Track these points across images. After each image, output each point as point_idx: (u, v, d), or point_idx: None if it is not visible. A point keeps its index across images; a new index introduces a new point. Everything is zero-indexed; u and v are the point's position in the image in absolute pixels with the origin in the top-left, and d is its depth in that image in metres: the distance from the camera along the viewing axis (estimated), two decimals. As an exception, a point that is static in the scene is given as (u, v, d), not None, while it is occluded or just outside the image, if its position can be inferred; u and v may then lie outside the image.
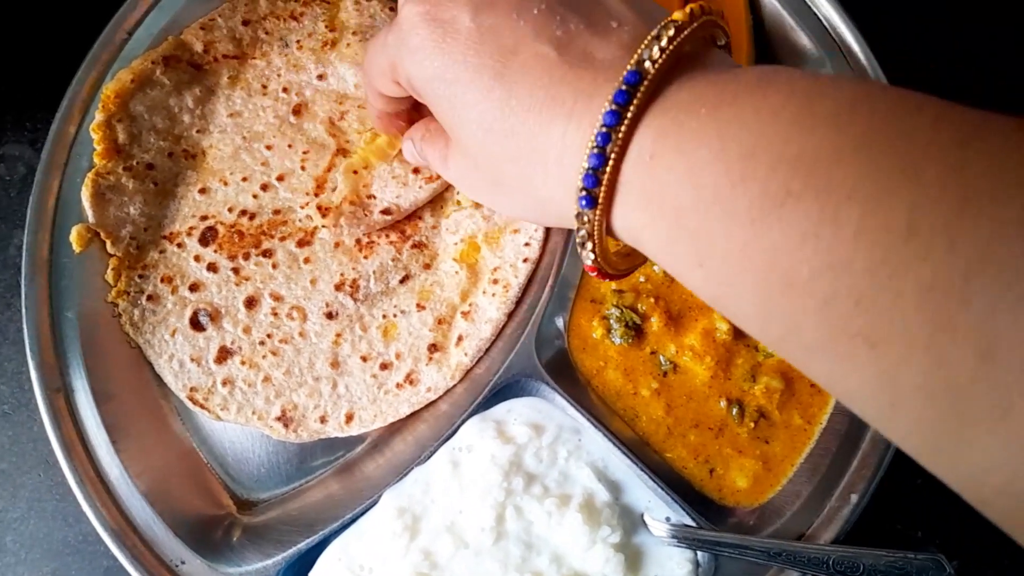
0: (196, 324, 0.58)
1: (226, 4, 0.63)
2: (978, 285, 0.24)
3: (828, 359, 0.30)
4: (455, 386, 0.59)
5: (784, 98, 0.31)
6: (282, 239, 0.59)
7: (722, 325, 0.58)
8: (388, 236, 0.60)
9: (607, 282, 0.60)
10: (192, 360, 0.57)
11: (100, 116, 0.58)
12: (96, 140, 0.58)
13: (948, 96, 0.29)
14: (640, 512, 0.56)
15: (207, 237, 0.59)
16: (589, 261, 0.38)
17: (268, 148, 0.61)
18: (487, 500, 0.54)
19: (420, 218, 0.61)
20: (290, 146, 0.61)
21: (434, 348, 0.59)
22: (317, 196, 0.60)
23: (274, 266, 0.59)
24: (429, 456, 0.56)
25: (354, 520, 0.55)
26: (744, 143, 0.30)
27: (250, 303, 0.58)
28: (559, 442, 0.57)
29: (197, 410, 0.57)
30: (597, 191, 0.34)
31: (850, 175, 0.27)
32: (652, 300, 0.59)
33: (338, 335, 0.58)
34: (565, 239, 0.60)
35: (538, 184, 0.38)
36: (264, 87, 0.62)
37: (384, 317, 0.59)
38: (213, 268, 0.59)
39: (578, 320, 0.60)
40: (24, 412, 0.63)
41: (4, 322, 0.65)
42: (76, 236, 0.57)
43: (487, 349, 0.59)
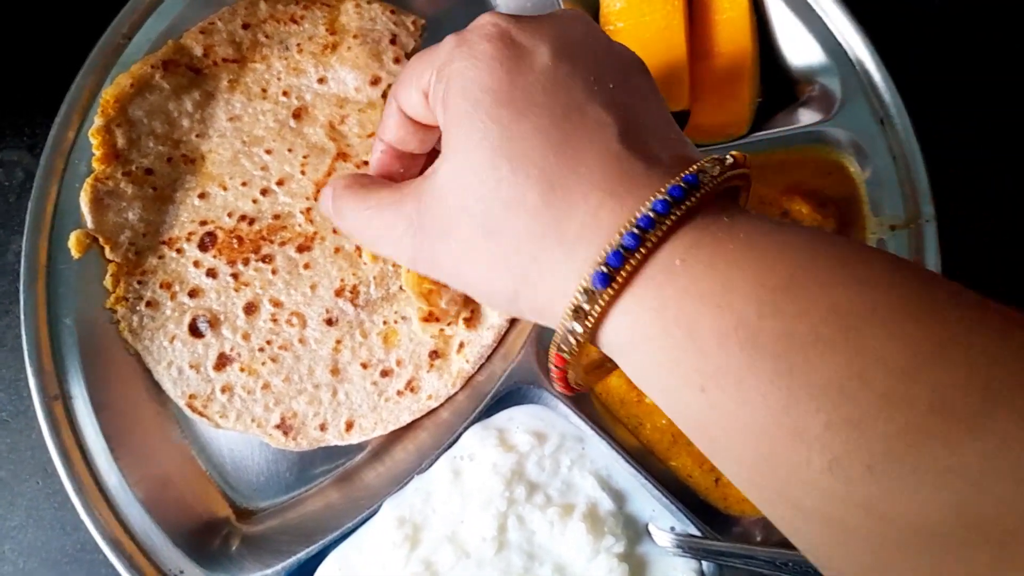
0: (195, 330, 0.57)
1: (225, 8, 0.62)
2: (995, 477, 0.24)
3: (821, 528, 0.29)
4: (456, 393, 0.58)
5: (825, 245, 0.31)
6: (282, 244, 0.59)
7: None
8: (389, 242, 0.59)
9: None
10: (191, 367, 0.57)
11: (99, 121, 0.58)
12: (95, 145, 0.58)
13: (961, 102, 0.29)
14: (644, 522, 0.55)
15: (206, 242, 0.59)
16: (565, 350, 0.35)
17: (268, 153, 0.60)
18: (489, 509, 0.53)
19: (421, 223, 0.60)
20: (290, 150, 0.61)
21: (435, 355, 0.58)
22: (317, 201, 0.60)
23: (274, 272, 0.58)
24: (430, 465, 0.55)
25: (354, 530, 0.54)
26: (780, 275, 0.30)
27: (249, 309, 0.58)
28: (562, 450, 0.56)
29: (196, 417, 0.57)
30: (618, 272, 0.32)
31: (888, 335, 0.27)
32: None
33: (338, 341, 0.58)
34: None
35: (531, 254, 0.35)
36: (264, 91, 0.62)
37: (385, 323, 0.59)
38: (212, 274, 0.58)
39: (581, 326, 0.59)
40: (22, 420, 0.63)
41: (2, 329, 0.65)
42: (74, 242, 0.56)
43: (489, 356, 0.59)
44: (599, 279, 0.32)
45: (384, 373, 0.58)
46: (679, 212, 0.32)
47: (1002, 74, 0.71)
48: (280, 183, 0.60)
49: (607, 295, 0.33)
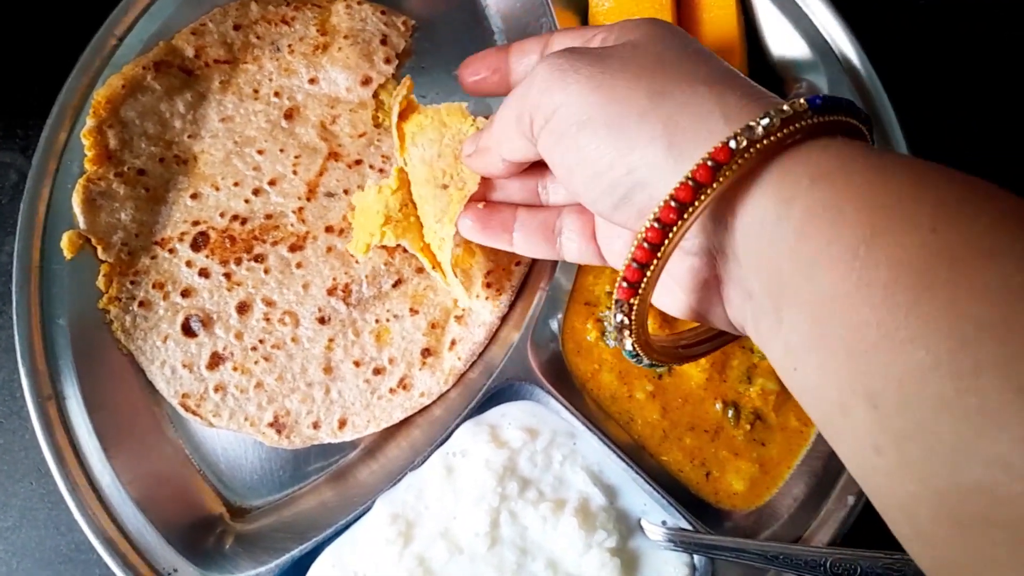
0: (188, 330, 0.58)
1: (217, 9, 0.63)
2: None
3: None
4: (449, 391, 0.58)
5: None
6: (274, 244, 0.59)
7: (717, 327, 0.58)
8: (381, 240, 0.60)
9: (601, 285, 0.60)
10: (184, 366, 0.57)
11: (91, 122, 0.58)
12: (87, 146, 0.58)
13: (947, 97, 0.28)
14: (636, 516, 0.56)
15: (199, 242, 0.59)
16: (675, 204, 0.33)
17: (260, 153, 0.61)
18: (481, 505, 0.53)
19: (413, 222, 0.60)
20: (282, 151, 0.61)
21: (427, 352, 0.58)
22: (309, 200, 0.60)
23: (266, 271, 0.59)
24: (423, 461, 0.55)
25: (348, 527, 0.55)
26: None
27: (242, 308, 0.58)
28: (554, 446, 0.56)
29: (189, 417, 0.57)
30: (760, 139, 0.31)
31: None
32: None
33: (331, 340, 0.58)
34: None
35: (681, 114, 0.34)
36: (256, 92, 0.62)
37: (377, 322, 0.59)
38: (205, 274, 0.58)
39: (572, 323, 0.59)
40: (16, 420, 0.63)
41: (-5, 330, 0.65)
42: (67, 243, 0.57)
43: (481, 353, 0.59)
44: (747, 134, 0.31)
45: (377, 371, 0.58)
46: (806, 121, 0.31)
47: (988, 69, 0.72)
48: (272, 183, 0.60)
49: (748, 155, 0.32)
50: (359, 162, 0.61)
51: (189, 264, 0.59)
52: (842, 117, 0.33)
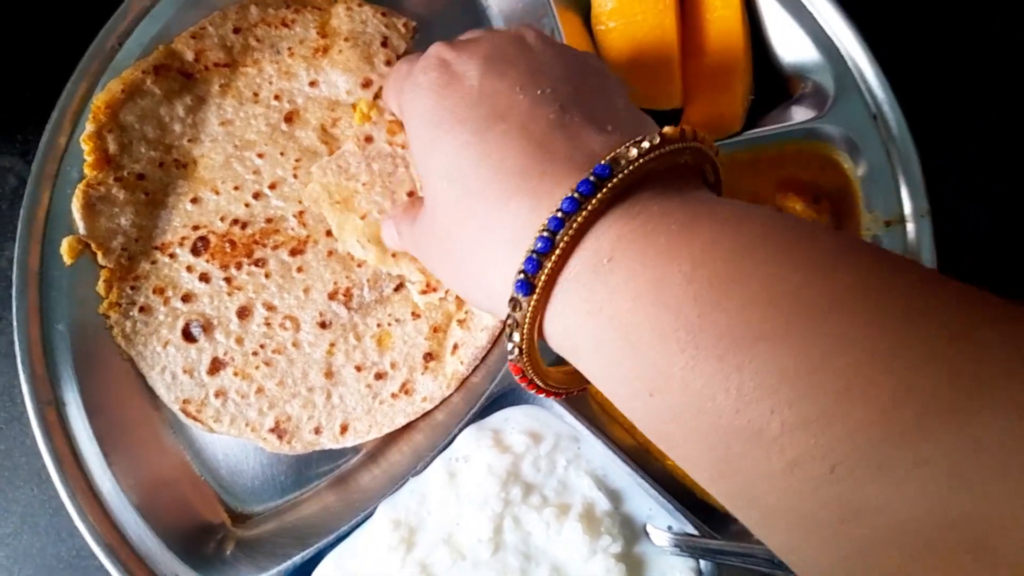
0: (188, 335, 0.57)
1: (216, 12, 0.62)
2: (975, 472, 0.22)
3: (788, 528, 0.27)
4: (451, 395, 0.58)
5: (766, 230, 0.28)
6: (275, 248, 0.59)
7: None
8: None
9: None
10: (184, 372, 0.57)
11: (90, 127, 0.58)
12: (87, 151, 0.58)
13: (954, 96, 0.28)
14: (641, 521, 0.55)
15: (199, 247, 0.59)
16: (512, 357, 0.36)
17: (260, 156, 0.60)
18: (484, 511, 0.53)
19: (414, 225, 0.60)
20: (282, 154, 0.60)
21: (429, 357, 0.58)
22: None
23: (267, 275, 0.58)
24: (425, 467, 0.55)
25: (349, 533, 0.54)
26: (719, 271, 0.28)
27: (243, 313, 0.58)
28: (558, 450, 0.56)
29: (190, 422, 0.57)
30: (536, 278, 0.32)
31: (842, 324, 0.25)
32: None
33: (332, 345, 0.58)
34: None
35: (484, 259, 0.36)
36: (255, 95, 0.62)
37: (379, 326, 0.58)
38: (205, 278, 0.58)
39: (575, 326, 0.59)
40: (16, 426, 0.62)
41: (-5, 335, 0.65)
42: (67, 248, 0.56)
43: (483, 357, 0.58)
44: (520, 287, 0.32)
45: (378, 376, 0.58)
46: (589, 207, 0.31)
47: (995, 68, 0.71)
48: (272, 187, 0.60)
49: (531, 302, 0.32)
50: (360, 165, 0.61)
51: (189, 269, 0.58)
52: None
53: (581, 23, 0.65)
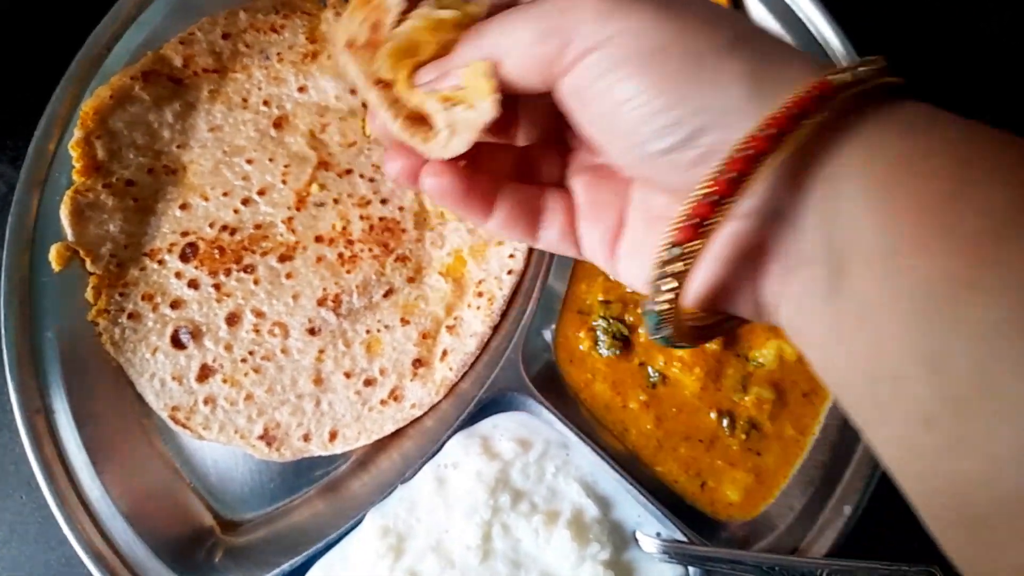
0: (177, 342, 0.57)
1: (205, 18, 0.62)
2: None
3: None
4: (440, 402, 0.58)
5: None
6: (263, 254, 0.59)
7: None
8: (371, 250, 0.59)
9: (594, 293, 0.59)
10: (173, 379, 0.57)
11: (79, 133, 0.58)
12: (75, 157, 0.58)
13: (941, 98, 0.28)
14: (630, 528, 0.55)
15: (188, 253, 0.59)
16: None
17: (249, 162, 0.60)
18: (473, 518, 0.53)
19: (403, 231, 0.60)
20: (271, 160, 0.60)
21: (419, 363, 0.58)
22: (299, 210, 0.59)
23: (255, 282, 0.58)
24: (414, 474, 0.55)
25: (338, 540, 0.54)
26: None
27: (231, 320, 0.58)
28: (546, 457, 0.56)
29: (179, 429, 0.56)
30: (865, 75, 0.30)
31: None
32: (639, 310, 0.58)
33: (321, 351, 0.57)
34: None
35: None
36: (245, 101, 0.62)
37: (368, 332, 0.58)
38: (194, 285, 0.58)
39: (565, 332, 0.59)
40: (5, 434, 0.62)
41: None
42: (55, 255, 0.56)
43: (472, 363, 0.58)
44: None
45: (367, 382, 0.57)
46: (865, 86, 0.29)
47: (983, 70, 0.71)
48: (261, 193, 0.60)
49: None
50: (349, 171, 0.61)
51: (178, 275, 0.58)
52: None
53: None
